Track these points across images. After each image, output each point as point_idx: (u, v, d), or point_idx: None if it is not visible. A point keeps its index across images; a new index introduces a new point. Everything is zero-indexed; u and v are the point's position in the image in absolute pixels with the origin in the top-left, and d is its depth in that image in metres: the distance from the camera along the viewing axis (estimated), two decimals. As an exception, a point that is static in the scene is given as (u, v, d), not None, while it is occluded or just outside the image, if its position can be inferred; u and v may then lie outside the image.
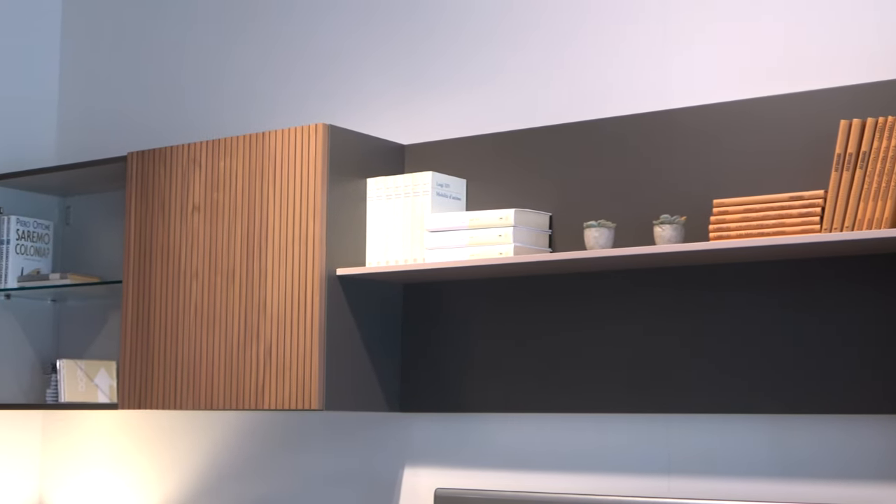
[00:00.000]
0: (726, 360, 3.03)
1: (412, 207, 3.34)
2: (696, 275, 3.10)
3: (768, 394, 2.96)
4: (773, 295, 2.98)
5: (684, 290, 3.10)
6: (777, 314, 2.97)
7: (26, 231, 4.19)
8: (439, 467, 3.53)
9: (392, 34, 3.79)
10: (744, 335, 3.01)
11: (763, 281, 3.00)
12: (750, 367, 2.99)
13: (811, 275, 2.94)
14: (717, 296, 3.06)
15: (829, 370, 2.89)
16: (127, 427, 4.20)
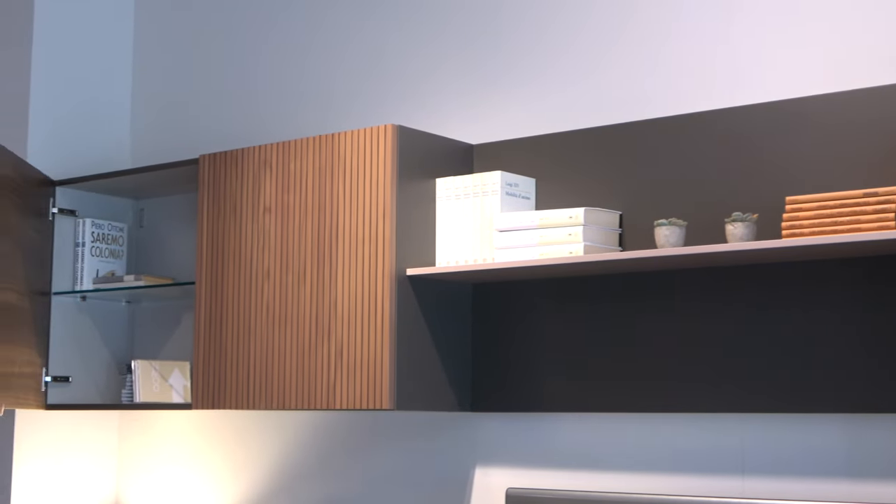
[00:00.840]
0: (799, 358, 2.99)
1: (481, 207, 3.34)
2: (768, 273, 3.06)
3: (843, 393, 2.92)
4: (847, 293, 2.94)
5: (756, 289, 3.07)
6: (851, 312, 2.93)
7: (101, 234, 4.25)
8: (510, 467, 3.52)
9: (461, 34, 3.79)
10: (817, 334, 2.97)
11: (837, 279, 2.96)
12: (823, 366, 2.96)
13: (885, 272, 2.90)
14: (789, 294, 3.02)
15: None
16: (201, 427, 4.24)
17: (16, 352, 4.03)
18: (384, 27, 3.97)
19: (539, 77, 3.60)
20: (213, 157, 3.76)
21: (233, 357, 3.62)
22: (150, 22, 4.63)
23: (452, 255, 3.38)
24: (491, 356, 3.50)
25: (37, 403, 4.08)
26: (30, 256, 4.08)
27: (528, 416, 3.49)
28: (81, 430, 4.37)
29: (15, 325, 4.02)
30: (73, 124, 4.45)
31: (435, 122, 3.76)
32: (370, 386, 3.32)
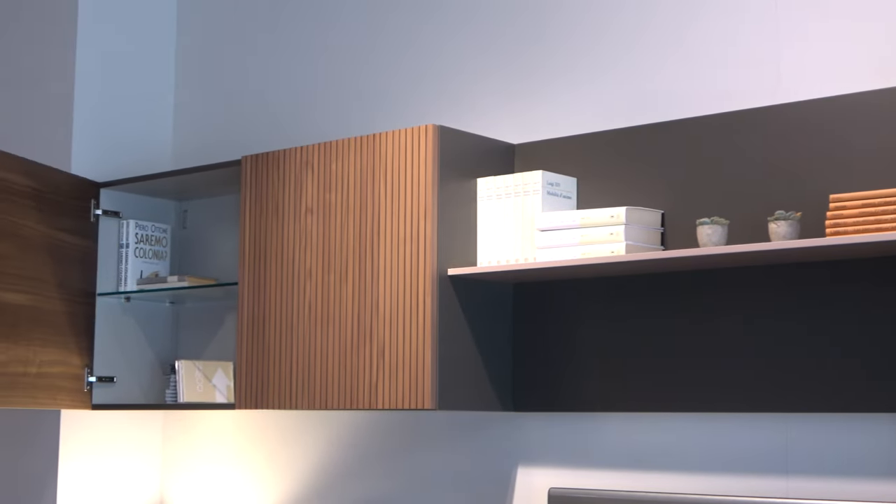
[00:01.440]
0: (843, 357, 2.97)
1: (522, 207, 3.34)
2: (812, 271, 3.04)
3: (889, 392, 2.90)
4: (892, 291, 2.91)
5: (800, 287, 3.05)
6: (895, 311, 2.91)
7: (145, 235, 4.27)
8: (552, 467, 3.51)
9: (501, 33, 3.78)
10: (860, 333, 2.95)
11: (881, 277, 2.94)
12: (868, 365, 2.93)
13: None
14: (833, 292, 3.00)
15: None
16: (244, 426, 4.26)
17: (61, 353, 4.07)
18: (425, 28, 3.97)
19: (580, 76, 3.59)
20: (255, 157, 3.78)
21: (275, 357, 3.64)
22: (192, 24, 4.66)
23: (494, 254, 3.38)
24: (533, 356, 3.49)
25: (82, 404, 4.12)
26: (74, 259, 4.12)
27: (570, 415, 3.49)
28: (126, 430, 4.40)
29: (60, 326, 4.06)
30: (116, 126, 4.48)
31: (476, 122, 3.76)
32: (412, 386, 3.32)
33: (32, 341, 3.91)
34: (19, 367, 3.85)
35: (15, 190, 3.89)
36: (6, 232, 3.85)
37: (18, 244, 3.88)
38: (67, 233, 4.10)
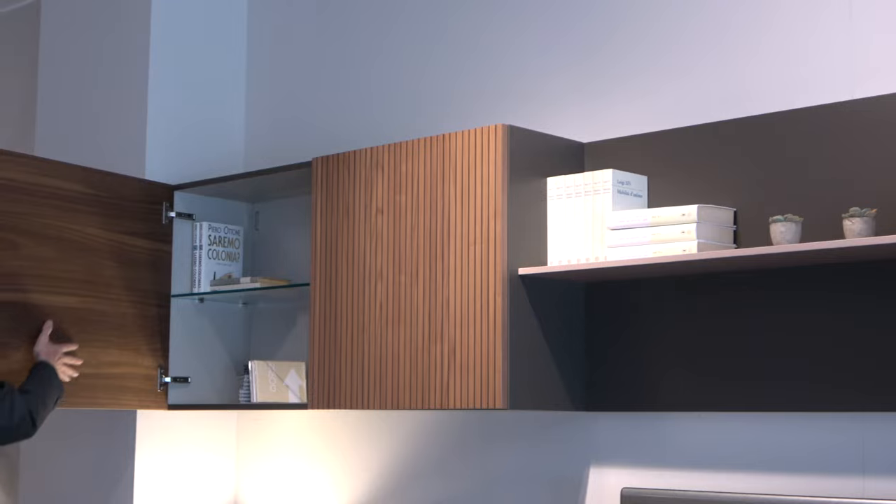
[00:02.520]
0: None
1: (593, 205, 3.32)
2: (888, 269, 3.00)
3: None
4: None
5: (875, 285, 3.01)
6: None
7: (218, 237, 4.31)
8: (625, 466, 3.50)
9: (569, 31, 3.77)
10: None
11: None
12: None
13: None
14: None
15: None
16: (316, 426, 4.28)
17: (137, 354, 4.12)
18: (492, 27, 3.97)
19: (650, 73, 3.57)
20: (325, 159, 3.80)
21: (347, 357, 3.66)
22: (263, 27, 4.69)
23: (564, 253, 3.37)
24: (604, 355, 3.48)
25: (157, 404, 4.17)
26: (146, 262, 4.17)
27: (642, 415, 3.47)
28: (200, 430, 4.45)
29: (137, 328, 4.11)
30: (189, 130, 4.53)
31: (546, 121, 3.75)
32: (483, 385, 3.32)
33: (89, 343, 3.96)
34: (81, 369, 3.91)
35: (69, 196, 3.95)
36: (56, 237, 3.90)
37: (69, 248, 3.93)
38: (137, 236, 4.14)
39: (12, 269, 3.78)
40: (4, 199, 3.78)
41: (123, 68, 4.54)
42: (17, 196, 3.82)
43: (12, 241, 3.79)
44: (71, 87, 4.73)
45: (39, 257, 3.86)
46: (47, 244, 3.88)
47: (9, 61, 5.63)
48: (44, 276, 3.86)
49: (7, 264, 3.77)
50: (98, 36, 4.66)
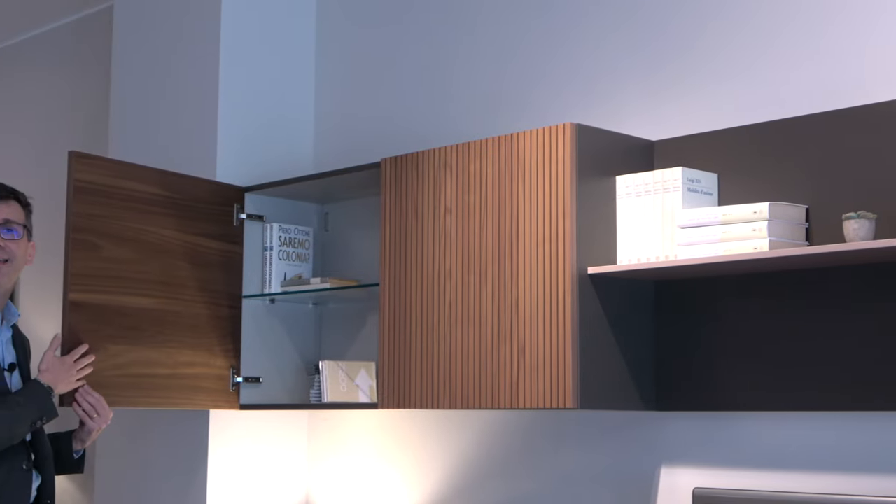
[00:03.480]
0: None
1: (663, 204, 3.31)
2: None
3: None
4: None
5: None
6: None
7: (288, 238, 4.35)
8: (697, 466, 3.47)
9: (637, 29, 3.75)
10: None
11: None
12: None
13: None
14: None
15: None
16: (387, 426, 4.30)
17: (210, 355, 4.16)
18: (561, 25, 3.96)
19: (720, 70, 3.54)
20: (394, 160, 3.82)
21: (416, 357, 3.67)
22: (332, 29, 4.72)
23: (634, 252, 3.36)
24: (675, 354, 3.45)
25: (229, 404, 4.21)
26: (218, 263, 4.21)
27: (714, 414, 3.44)
28: (272, 429, 4.48)
29: (209, 329, 4.16)
30: (259, 131, 4.57)
31: (614, 120, 3.73)
32: (553, 385, 3.32)
33: (165, 343, 4.01)
34: (143, 369, 3.94)
35: (146, 199, 4.00)
36: (133, 238, 3.95)
37: (146, 250, 3.98)
38: (210, 238, 4.19)
39: (92, 270, 3.83)
40: (84, 202, 3.84)
41: (194, 71, 4.59)
42: (96, 198, 3.87)
43: (93, 243, 3.84)
44: (143, 91, 4.79)
45: (118, 259, 3.91)
46: (126, 246, 3.93)
47: (82, 65, 5.71)
48: (122, 277, 3.91)
49: (87, 265, 3.82)
50: (169, 40, 4.72)
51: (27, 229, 3.60)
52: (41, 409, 3.47)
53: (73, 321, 3.76)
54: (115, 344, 3.87)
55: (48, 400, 3.50)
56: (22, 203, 3.61)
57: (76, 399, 3.65)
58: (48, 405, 3.50)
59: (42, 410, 3.47)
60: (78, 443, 3.70)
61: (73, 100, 5.72)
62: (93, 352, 3.77)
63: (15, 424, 3.39)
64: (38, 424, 3.48)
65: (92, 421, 3.65)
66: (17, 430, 3.40)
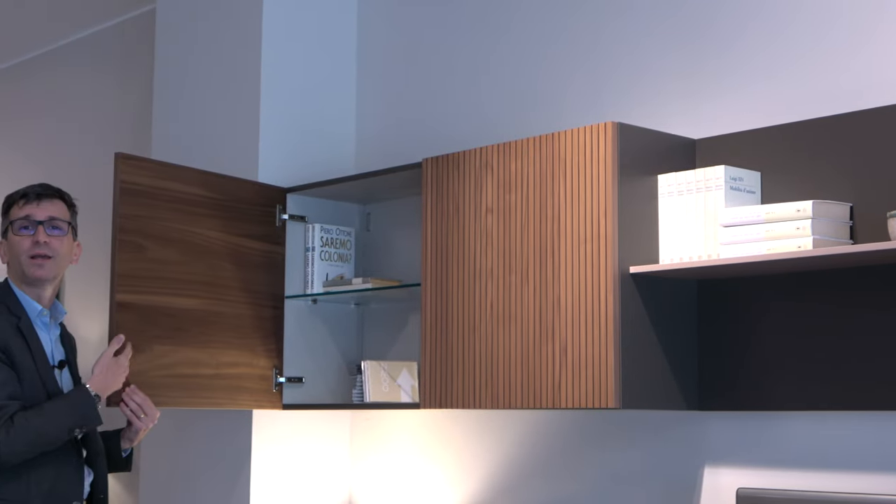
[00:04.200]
0: None
1: (705, 202, 3.29)
2: None
3: None
4: None
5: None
6: None
7: (330, 238, 4.36)
8: (740, 466, 3.45)
9: (677, 27, 3.74)
10: None
11: None
12: None
13: None
14: None
15: None
16: (430, 425, 4.30)
17: (253, 355, 4.18)
18: (601, 23, 3.95)
19: (762, 68, 3.52)
20: (435, 160, 3.82)
21: (458, 357, 3.67)
22: (372, 30, 4.73)
23: (676, 251, 3.34)
24: (718, 353, 3.44)
25: (272, 404, 4.22)
26: (261, 263, 4.23)
27: (758, 414, 3.42)
28: (315, 429, 4.49)
29: (252, 329, 4.18)
30: (300, 132, 4.59)
31: (655, 118, 3.72)
32: (595, 384, 3.31)
33: (209, 344, 4.03)
34: (188, 369, 3.96)
35: (190, 200, 4.02)
36: (178, 240, 3.97)
37: (191, 251, 4.00)
38: (253, 238, 4.21)
39: (137, 271, 3.86)
40: (130, 203, 3.86)
41: (236, 72, 4.61)
42: (141, 200, 3.89)
43: (139, 244, 3.87)
44: (185, 93, 4.82)
45: (163, 260, 3.93)
46: (171, 247, 3.96)
47: (126, 68, 5.76)
48: (167, 278, 3.94)
49: (133, 266, 3.84)
50: (211, 41, 4.74)
51: (72, 228, 3.65)
52: (84, 416, 3.47)
53: (120, 322, 3.78)
54: (161, 344, 3.89)
55: (93, 408, 3.49)
56: (67, 203, 3.66)
57: (123, 399, 3.67)
58: (92, 414, 3.49)
59: (85, 418, 3.47)
60: (126, 441, 3.73)
61: (118, 102, 5.76)
62: (138, 352, 3.80)
63: (49, 432, 3.38)
64: (78, 433, 3.48)
65: (139, 421, 3.67)
66: (51, 437, 3.39)
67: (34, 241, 3.54)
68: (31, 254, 3.53)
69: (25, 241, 3.55)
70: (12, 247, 3.57)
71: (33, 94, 6.47)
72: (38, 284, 3.57)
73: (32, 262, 3.53)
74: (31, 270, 3.54)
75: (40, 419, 3.37)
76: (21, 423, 3.33)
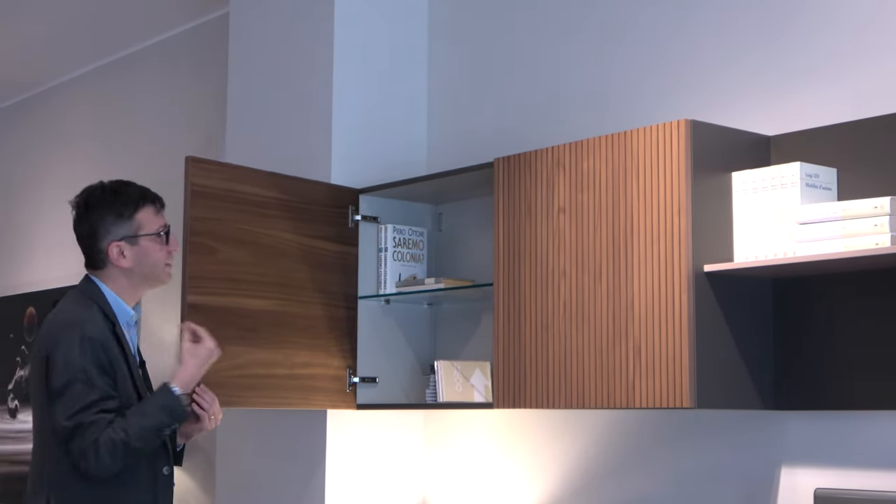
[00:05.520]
0: None
1: (780, 200, 3.26)
2: None
3: None
4: None
5: None
6: None
7: (402, 238, 4.37)
8: (818, 466, 3.41)
9: (751, 22, 3.70)
10: None
11: None
12: None
13: None
14: None
15: None
16: (503, 425, 4.30)
17: (327, 355, 4.20)
18: (673, 20, 3.92)
19: (838, 63, 3.48)
20: (507, 159, 3.82)
21: (531, 357, 3.66)
22: (443, 30, 4.74)
23: (751, 249, 3.31)
24: (794, 352, 3.40)
25: (346, 404, 4.25)
26: (334, 264, 4.25)
27: (835, 413, 3.38)
28: (388, 429, 4.51)
29: (326, 330, 4.20)
30: (372, 132, 4.60)
31: (729, 115, 3.68)
32: (670, 384, 3.29)
33: (282, 344, 4.06)
34: (261, 370, 3.99)
35: (261, 202, 4.05)
36: (249, 241, 4.00)
37: (262, 252, 4.03)
38: (325, 240, 4.23)
39: (209, 272, 3.90)
40: (201, 206, 3.90)
41: (308, 74, 4.64)
42: (212, 202, 3.93)
43: (209, 246, 3.91)
44: (258, 95, 4.86)
45: (234, 261, 3.97)
46: (242, 249, 3.99)
47: (200, 71, 5.82)
48: (238, 279, 3.97)
49: (204, 268, 3.89)
50: (283, 44, 4.78)
51: None
52: (171, 416, 3.40)
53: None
54: (234, 345, 3.92)
55: (181, 407, 3.43)
56: None
57: (194, 399, 3.69)
58: (180, 412, 3.42)
59: (172, 418, 3.40)
60: (182, 437, 3.73)
61: (192, 104, 5.83)
62: None
63: (139, 447, 3.34)
64: (167, 432, 3.42)
65: (209, 420, 3.68)
66: (142, 450, 3.36)
67: (170, 250, 3.56)
68: (167, 261, 3.56)
69: (164, 248, 3.54)
70: (147, 253, 3.51)
71: (111, 98, 6.56)
72: (156, 288, 3.62)
73: (167, 269, 3.57)
74: (165, 277, 3.56)
75: (126, 433, 3.31)
76: (110, 446, 3.28)
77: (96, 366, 3.36)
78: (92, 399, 3.33)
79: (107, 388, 3.37)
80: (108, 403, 3.36)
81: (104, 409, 3.34)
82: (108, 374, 3.38)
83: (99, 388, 3.35)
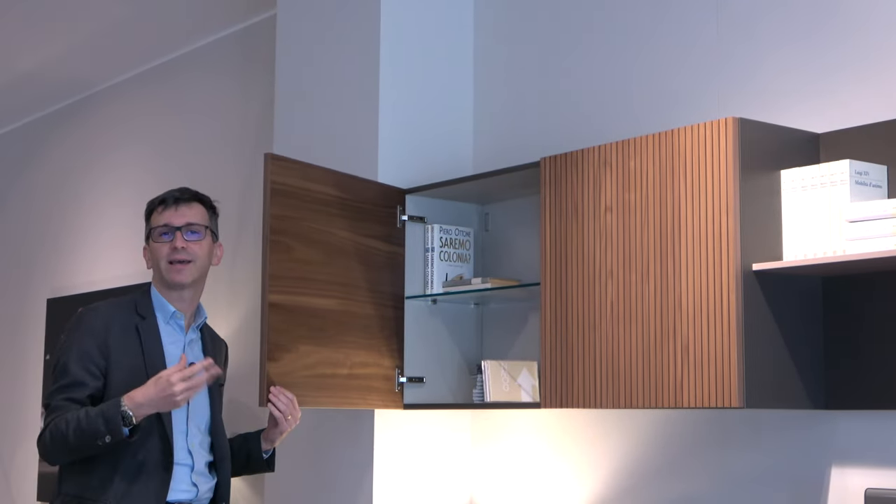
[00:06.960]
0: None
1: (830, 198, 3.23)
2: None
3: None
4: None
5: None
6: None
7: (449, 238, 4.38)
8: (869, 466, 3.38)
9: (799, 19, 3.67)
10: None
11: None
12: None
13: None
14: None
15: None
16: (550, 425, 4.29)
17: (379, 355, 4.21)
18: (717, 16, 3.90)
19: (887, 58, 3.44)
20: (553, 158, 3.81)
21: (578, 356, 3.65)
22: (488, 30, 4.74)
23: (800, 248, 3.28)
24: (845, 351, 3.37)
25: (395, 403, 4.25)
26: (383, 264, 4.26)
27: (886, 413, 3.34)
28: (436, 429, 4.51)
29: (371, 329, 4.21)
30: (418, 133, 4.61)
31: (777, 113, 3.66)
32: (718, 383, 3.27)
33: (344, 344, 4.07)
34: (327, 369, 4.00)
35: (326, 200, 4.06)
36: (318, 240, 4.01)
37: (329, 251, 4.04)
38: (376, 239, 4.24)
39: (285, 271, 3.89)
40: (279, 204, 3.89)
41: (355, 75, 4.66)
42: (288, 200, 3.92)
43: (287, 245, 3.90)
44: (306, 95, 4.88)
45: (307, 260, 3.96)
46: (314, 247, 3.99)
47: (249, 72, 5.86)
48: (310, 278, 3.97)
49: (281, 266, 3.88)
50: (330, 45, 4.80)
51: (211, 231, 3.72)
52: (108, 427, 3.34)
53: (272, 322, 3.81)
54: (305, 345, 3.92)
55: (117, 421, 3.34)
56: (206, 206, 3.74)
57: (270, 399, 3.70)
58: (115, 425, 3.34)
59: (108, 428, 3.34)
60: (267, 443, 3.77)
61: (241, 105, 5.86)
62: (285, 352, 3.83)
63: (77, 447, 3.37)
64: (103, 441, 3.35)
65: (286, 422, 3.70)
66: (82, 450, 3.36)
67: (172, 246, 3.62)
68: (169, 259, 3.63)
69: (164, 247, 3.65)
70: (153, 253, 3.69)
71: (161, 101, 6.61)
72: (179, 288, 3.66)
73: (172, 268, 3.63)
74: (170, 276, 3.64)
75: (68, 426, 3.36)
76: (54, 433, 3.39)
77: (78, 353, 3.45)
78: (61, 384, 3.46)
79: (81, 374, 3.44)
80: (76, 391, 3.44)
81: (70, 398, 3.41)
82: (93, 363, 3.44)
83: (72, 374, 3.45)
